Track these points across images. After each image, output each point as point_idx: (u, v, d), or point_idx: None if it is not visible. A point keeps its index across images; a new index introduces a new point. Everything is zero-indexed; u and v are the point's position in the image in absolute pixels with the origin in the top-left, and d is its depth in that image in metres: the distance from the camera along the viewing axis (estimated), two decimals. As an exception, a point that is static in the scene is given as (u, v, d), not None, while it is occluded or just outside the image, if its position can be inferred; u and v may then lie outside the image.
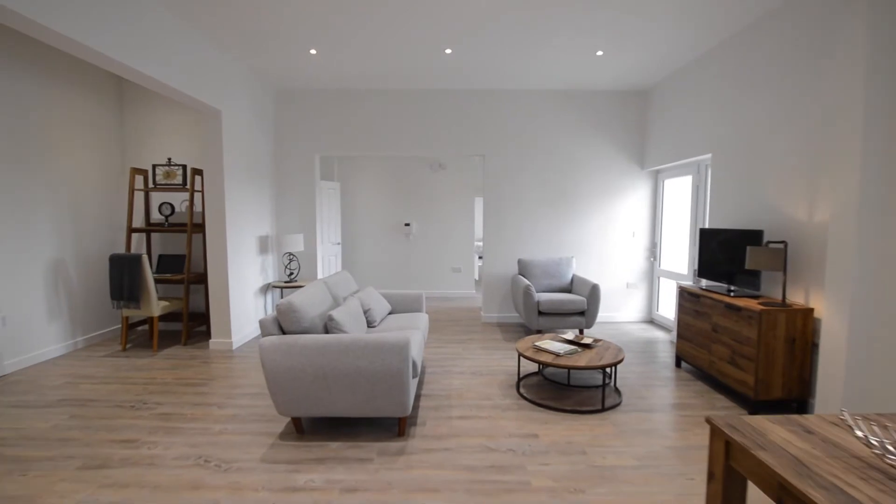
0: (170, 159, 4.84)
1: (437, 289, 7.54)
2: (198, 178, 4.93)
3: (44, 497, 2.12)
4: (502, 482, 2.24)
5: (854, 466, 1.11)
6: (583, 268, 5.66)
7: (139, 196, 5.06)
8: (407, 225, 7.41)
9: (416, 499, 2.11)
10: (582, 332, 4.84)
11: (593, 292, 4.63)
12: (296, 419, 2.71)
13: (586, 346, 3.38)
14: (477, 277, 8.67)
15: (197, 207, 5.02)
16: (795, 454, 1.16)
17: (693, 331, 3.66)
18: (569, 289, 5.16)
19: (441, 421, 2.90)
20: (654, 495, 2.14)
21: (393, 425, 2.82)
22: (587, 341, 3.43)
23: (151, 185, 4.86)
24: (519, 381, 3.51)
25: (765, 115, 3.45)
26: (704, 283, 4.17)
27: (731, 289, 3.50)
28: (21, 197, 3.92)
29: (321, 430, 2.76)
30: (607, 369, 3.25)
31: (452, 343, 4.70)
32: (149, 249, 5.00)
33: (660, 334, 5.08)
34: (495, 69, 4.75)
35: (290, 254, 5.51)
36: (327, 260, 6.36)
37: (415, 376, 2.76)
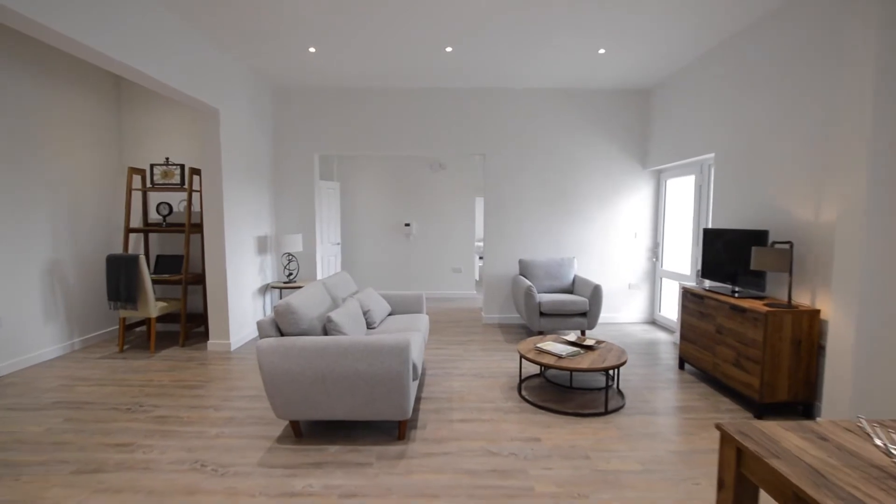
0: (167, 159, 4.79)
1: (437, 289, 7.50)
2: (196, 178, 4.89)
3: (36, 503, 2.08)
4: (504, 487, 2.19)
5: (873, 476, 1.07)
6: (584, 268, 5.62)
7: (137, 196, 5.02)
8: (407, 225, 7.36)
9: (416, 505, 2.07)
10: (584, 333, 4.80)
11: (595, 293, 4.58)
12: (294, 422, 2.67)
13: (589, 348, 3.33)
14: (477, 278, 8.63)
15: (195, 207, 4.97)
16: (811, 463, 1.12)
17: (697, 332, 3.62)
18: (570, 289, 5.11)
19: (442, 424, 2.86)
20: (658, 501, 2.10)
21: (393, 428, 2.78)
22: (590, 343, 3.39)
23: (149, 184, 4.81)
24: (520, 384, 3.46)
25: (769, 114, 3.41)
26: (708, 283, 4.13)
27: (736, 290, 3.46)
28: (17, 196, 3.87)
29: (319, 434, 2.72)
30: (610, 371, 3.20)
31: (453, 344, 4.65)
32: (146, 250, 4.96)
33: (662, 335, 5.03)
34: (496, 68, 4.71)
35: (289, 254, 5.47)
36: (327, 260, 6.32)
37: (415, 379, 2.72)
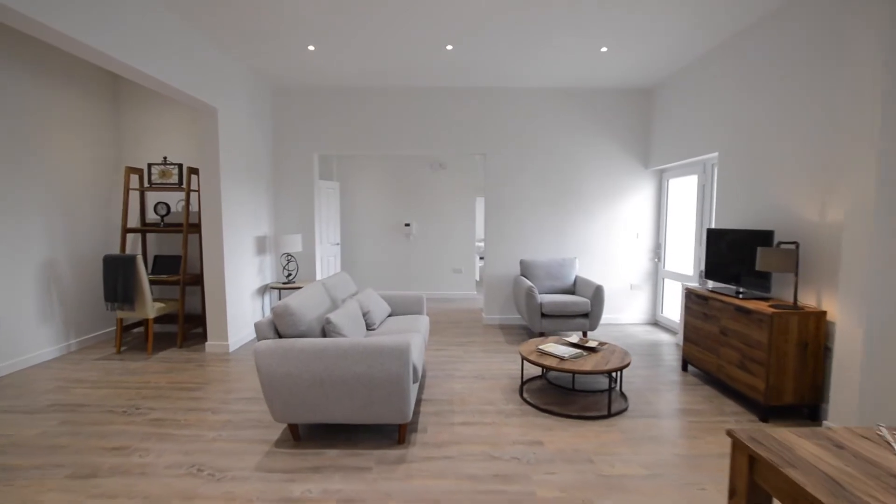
0: (165, 158, 4.75)
1: (437, 290, 7.46)
2: (194, 178, 4.84)
3: (28, 509, 2.04)
4: (507, 492, 2.15)
5: (892, 486, 1.03)
6: (586, 269, 5.57)
7: (134, 195, 4.98)
8: (407, 225, 7.32)
9: (416, 511, 2.03)
10: (586, 334, 4.75)
11: (597, 294, 4.54)
12: (292, 426, 2.63)
13: (591, 350, 3.29)
14: (478, 278, 8.59)
15: (193, 207, 4.93)
16: (828, 472, 1.07)
17: (700, 334, 3.58)
18: (572, 290, 5.07)
19: (442, 427, 2.81)
20: (665, 507, 2.06)
21: (393, 432, 2.74)
22: (592, 345, 3.35)
23: (147, 184, 4.77)
24: (522, 386, 3.42)
25: (774, 113, 3.37)
26: (711, 284, 4.08)
27: (740, 291, 3.41)
28: (13, 196, 3.83)
29: (318, 437, 2.67)
30: (613, 374, 3.16)
31: (453, 345, 4.61)
32: (144, 250, 4.92)
33: (664, 337, 4.99)
34: (496, 67, 4.66)
35: (289, 254, 5.42)
36: (326, 260, 6.27)
37: (415, 381, 2.67)
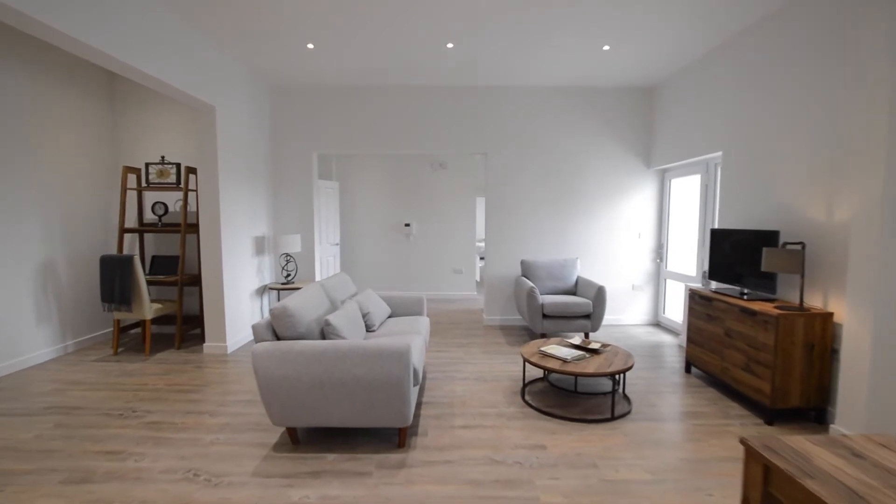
0: (163, 157, 4.70)
1: (437, 290, 7.41)
2: (192, 177, 4.79)
3: (20, 515, 2.00)
4: (509, 498, 2.11)
5: (916, 499, 0.98)
6: (587, 269, 5.53)
7: (132, 195, 4.93)
8: (407, 225, 7.27)
9: (417, 517, 1.98)
10: (587, 335, 4.71)
11: (599, 295, 4.50)
12: (291, 429, 2.58)
13: (594, 352, 3.25)
14: (478, 279, 8.54)
15: (191, 207, 4.89)
16: (848, 483, 1.03)
17: (704, 335, 3.53)
18: (573, 291, 5.02)
19: (443, 430, 2.77)
20: (671, 513, 2.01)
21: (393, 435, 2.69)
22: (595, 346, 3.30)
23: (144, 183, 4.72)
24: (524, 388, 3.38)
25: (778, 112, 3.32)
26: (714, 285, 4.04)
27: (745, 292, 3.37)
28: (9, 195, 3.78)
29: (317, 441, 2.63)
30: (616, 376, 3.11)
31: (454, 347, 4.57)
32: (142, 250, 4.87)
33: (667, 338, 4.94)
34: (497, 66, 4.62)
35: (288, 255, 5.38)
36: (325, 261, 6.23)
37: (416, 384, 2.63)
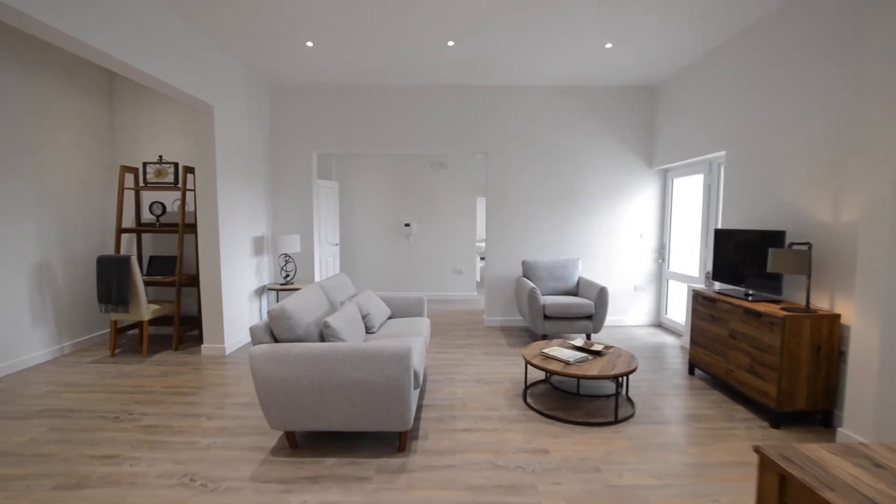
0: (161, 157, 4.66)
1: (437, 291, 7.37)
2: (190, 177, 4.74)
3: (12, 522, 1.95)
4: (512, 504, 2.07)
5: (941, 512, 0.94)
6: (589, 269, 5.49)
7: (129, 195, 4.89)
8: (407, 225, 7.23)
9: (418, 524, 1.94)
10: (589, 336, 4.67)
11: (601, 295, 4.45)
12: (289, 433, 2.53)
13: (597, 354, 3.20)
14: (479, 279, 8.50)
15: (189, 207, 4.84)
16: (869, 495, 0.99)
17: (708, 337, 3.49)
18: (575, 292, 4.98)
19: (444, 434, 2.72)
20: (677, 520, 1.97)
21: (393, 439, 2.65)
22: (597, 348, 3.26)
23: (142, 183, 4.68)
24: (526, 390, 3.33)
25: (779, 111, 3.28)
26: (718, 286, 4.00)
27: (749, 293, 3.33)
28: (5, 194, 3.73)
29: (316, 445, 2.58)
30: (619, 378, 3.07)
31: (454, 348, 4.52)
32: (139, 250, 4.82)
33: (669, 339, 4.90)
34: (498, 65, 4.57)
35: (287, 255, 5.33)
36: (325, 261, 6.18)
37: (416, 387, 2.58)
